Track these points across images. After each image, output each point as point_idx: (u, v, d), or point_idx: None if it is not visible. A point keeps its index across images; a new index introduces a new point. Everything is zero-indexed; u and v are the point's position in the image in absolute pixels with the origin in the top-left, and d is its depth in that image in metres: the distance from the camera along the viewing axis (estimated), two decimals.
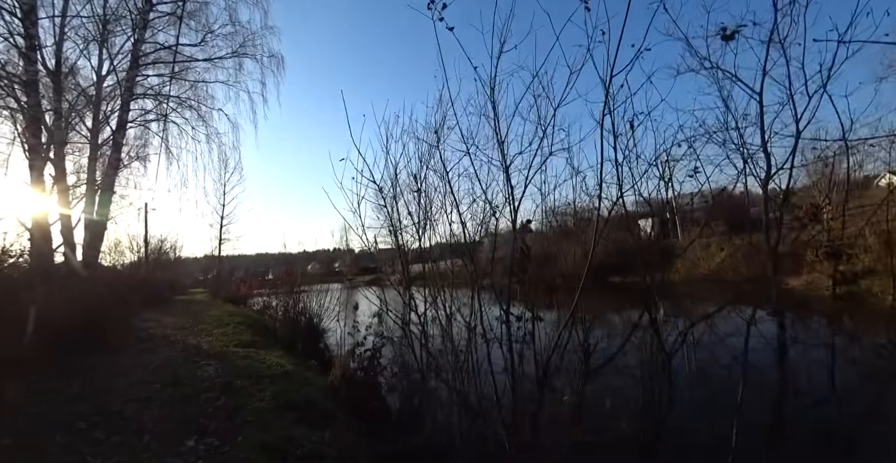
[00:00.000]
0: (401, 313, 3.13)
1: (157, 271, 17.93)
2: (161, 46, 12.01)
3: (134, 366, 4.52)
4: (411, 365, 3.78)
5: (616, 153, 2.20)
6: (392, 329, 4.51)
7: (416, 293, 3.96)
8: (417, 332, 3.02)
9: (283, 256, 43.88)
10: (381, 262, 37.07)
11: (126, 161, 14.71)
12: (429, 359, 2.87)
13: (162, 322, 8.61)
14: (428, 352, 2.98)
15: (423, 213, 2.92)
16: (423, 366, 2.95)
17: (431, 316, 3.21)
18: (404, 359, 4.01)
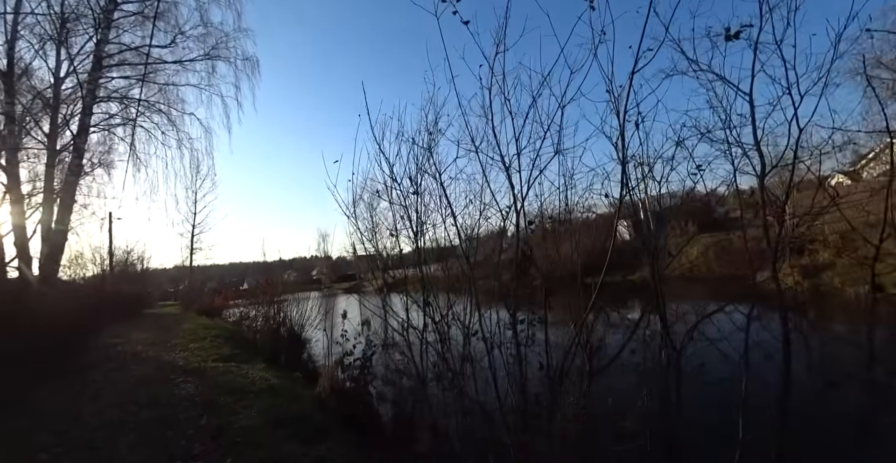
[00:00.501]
0: (400, 319, 3.02)
1: (124, 284, 16.94)
2: (127, 47, 11.47)
3: (103, 387, 4.18)
4: (408, 372, 3.68)
5: (625, 153, 2.20)
6: (383, 336, 4.38)
7: (397, 299, 3.88)
8: (416, 337, 2.92)
9: (257, 264, 42.47)
10: (360, 269, 36.41)
11: (88, 168, 13.91)
12: (428, 365, 2.78)
13: (131, 338, 8.08)
14: (428, 357, 2.89)
15: (419, 216, 2.83)
16: (423, 372, 2.86)
17: (426, 321, 3.12)
18: (398, 366, 3.90)
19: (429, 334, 2.99)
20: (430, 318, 2.98)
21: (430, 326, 3.01)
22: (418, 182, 2.83)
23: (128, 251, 19.83)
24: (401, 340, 3.90)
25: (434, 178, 2.83)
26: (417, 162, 2.82)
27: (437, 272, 4.19)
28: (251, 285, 15.76)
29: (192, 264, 25.82)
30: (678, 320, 2.57)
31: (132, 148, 12.52)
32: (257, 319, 8.84)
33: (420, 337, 2.86)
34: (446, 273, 3.12)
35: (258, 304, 9.27)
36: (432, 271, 4.29)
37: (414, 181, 2.84)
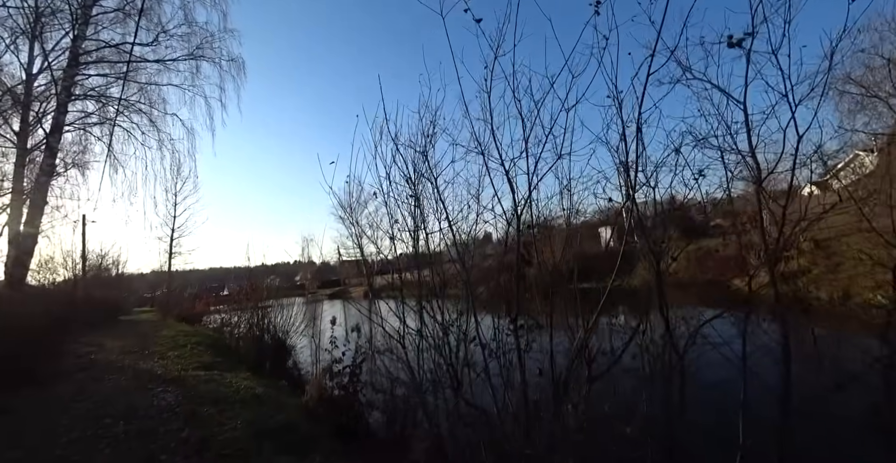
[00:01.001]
0: (396, 325, 2.94)
1: (97, 290, 16.23)
2: (106, 44, 11.09)
3: (76, 399, 3.95)
4: (399, 379, 3.60)
5: (636, 155, 2.21)
6: (371, 343, 4.29)
7: (384, 305, 3.81)
8: (411, 344, 2.85)
9: (239, 269, 41.29)
10: (349, 273, 36.21)
11: (62, 168, 13.34)
12: (424, 371, 2.71)
13: (106, 346, 7.72)
14: (424, 364, 2.82)
15: (416, 220, 2.78)
16: (420, 379, 2.79)
17: (422, 326, 3.05)
18: (390, 373, 3.81)
19: (422, 340, 2.92)
20: (427, 323, 2.92)
21: (425, 332, 2.95)
22: (415, 184, 2.78)
23: (102, 255, 19.05)
24: (394, 346, 3.83)
25: (430, 180, 2.80)
26: (414, 164, 2.79)
27: (427, 277, 4.15)
28: (232, 291, 15.30)
29: (171, 269, 25.00)
30: (678, 324, 2.59)
31: (110, 148, 12.06)
32: (240, 326, 8.58)
33: (416, 343, 2.79)
34: (441, 277, 3.07)
35: (241, 310, 9.00)
36: (423, 277, 4.24)
37: (411, 183, 2.79)
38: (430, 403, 3.49)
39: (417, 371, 2.79)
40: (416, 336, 2.87)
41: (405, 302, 3.19)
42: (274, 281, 16.34)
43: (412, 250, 2.96)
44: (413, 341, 3.19)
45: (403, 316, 2.94)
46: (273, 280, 14.45)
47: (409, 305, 3.49)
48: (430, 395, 2.79)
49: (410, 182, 2.79)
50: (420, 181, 2.79)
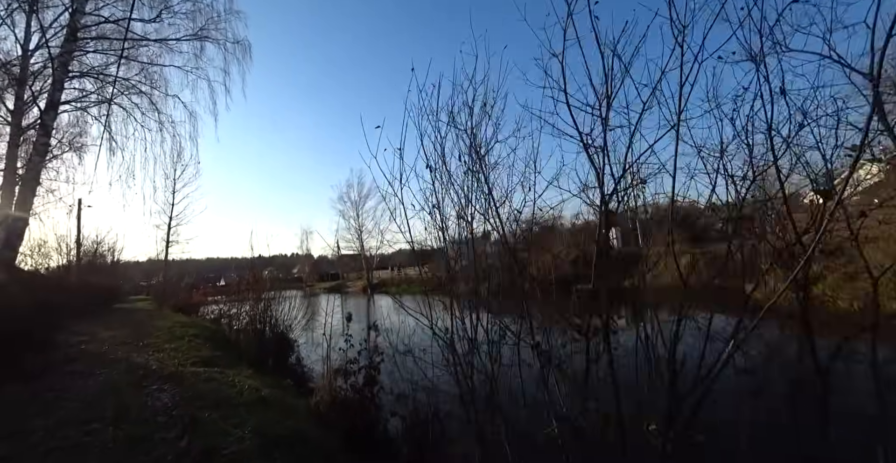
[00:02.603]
0: (444, 328, 2.55)
1: (92, 276, 15.79)
2: (105, 20, 10.57)
3: (61, 397, 3.55)
4: (428, 385, 3.22)
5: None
6: (392, 343, 3.90)
7: (382, 300, 3.42)
8: (441, 345, 2.45)
9: (236, 260, 40.97)
10: (343, 268, 35.51)
11: (58, 151, 12.87)
12: (469, 382, 2.33)
13: (98, 336, 7.31)
14: (462, 371, 2.43)
15: (485, 197, 2.36)
16: (471, 387, 2.40)
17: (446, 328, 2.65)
18: (412, 377, 3.43)
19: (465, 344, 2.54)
20: (462, 324, 2.53)
21: (463, 334, 2.57)
22: (480, 156, 2.37)
23: (97, 241, 18.57)
24: (416, 348, 3.45)
25: (479, 158, 2.40)
26: (473, 138, 2.38)
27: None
28: (231, 282, 14.87)
29: (168, 258, 24.57)
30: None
31: (107, 128, 11.61)
32: (240, 318, 8.18)
33: (463, 345, 2.40)
34: (485, 271, 2.66)
35: (241, 301, 8.60)
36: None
37: (475, 154, 2.38)
38: (457, 413, 3.12)
39: (465, 380, 2.39)
40: (474, 341, 2.44)
41: (439, 300, 2.78)
42: (272, 273, 15.92)
43: (464, 236, 2.54)
44: (442, 343, 2.79)
45: (452, 313, 2.53)
46: (271, 272, 14.05)
47: (418, 303, 3.10)
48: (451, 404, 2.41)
49: (477, 154, 2.38)
50: (478, 157, 2.39)
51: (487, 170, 2.42)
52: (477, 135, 2.45)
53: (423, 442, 3.13)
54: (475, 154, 2.54)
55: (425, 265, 3.77)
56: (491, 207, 2.54)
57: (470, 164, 2.46)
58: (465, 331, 2.66)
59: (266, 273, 11.35)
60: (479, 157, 2.61)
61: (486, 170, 2.43)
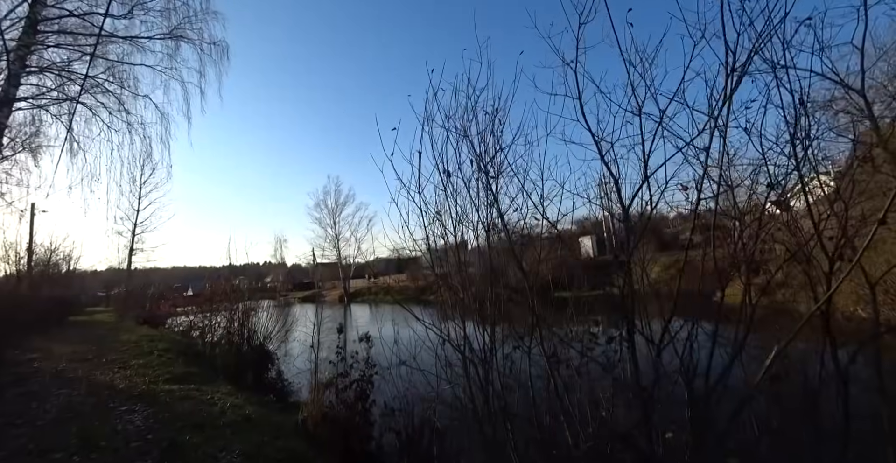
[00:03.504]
0: (457, 341, 2.42)
1: (45, 287, 14.59)
2: (70, 13, 9.96)
3: (12, 423, 3.17)
4: (427, 398, 3.08)
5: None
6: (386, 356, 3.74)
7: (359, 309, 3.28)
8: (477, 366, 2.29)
9: (204, 269, 39.11)
10: (319, 277, 34.74)
11: (9, 151, 11.92)
12: (489, 397, 2.20)
13: (53, 352, 6.70)
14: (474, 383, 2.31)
15: (494, 200, 2.25)
16: (481, 406, 2.28)
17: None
18: (406, 393, 3.28)
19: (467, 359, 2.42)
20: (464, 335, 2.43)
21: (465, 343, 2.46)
22: (491, 160, 2.29)
23: (52, 249, 17.24)
24: (411, 360, 3.32)
25: (487, 166, 2.33)
26: (484, 143, 2.31)
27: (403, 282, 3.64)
28: (202, 292, 14.08)
29: (131, 267, 23.15)
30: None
31: (69, 129, 10.85)
32: (214, 330, 7.71)
33: (482, 363, 2.28)
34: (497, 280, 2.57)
35: (214, 312, 8.12)
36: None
37: (483, 162, 2.31)
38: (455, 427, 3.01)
39: (480, 394, 2.27)
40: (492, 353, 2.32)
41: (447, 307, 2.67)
42: (242, 282, 15.29)
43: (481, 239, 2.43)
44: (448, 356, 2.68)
45: (464, 323, 2.40)
46: (242, 281, 13.52)
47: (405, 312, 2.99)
48: (487, 425, 2.28)
49: (484, 160, 2.30)
50: (488, 162, 2.31)
51: (493, 176, 2.36)
52: (482, 141, 2.39)
53: (423, 459, 2.98)
54: (479, 161, 2.48)
55: (404, 273, 3.65)
56: (494, 215, 2.48)
57: (475, 170, 2.40)
58: (474, 342, 2.56)
59: (238, 282, 10.83)
60: (483, 164, 2.56)
61: (491, 176, 2.37)
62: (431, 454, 3.04)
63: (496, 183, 2.37)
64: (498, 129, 2.41)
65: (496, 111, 2.36)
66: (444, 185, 2.41)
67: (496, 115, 2.37)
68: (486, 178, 2.34)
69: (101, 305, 22.76)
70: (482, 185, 2.42)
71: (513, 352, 2.36)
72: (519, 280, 2.50)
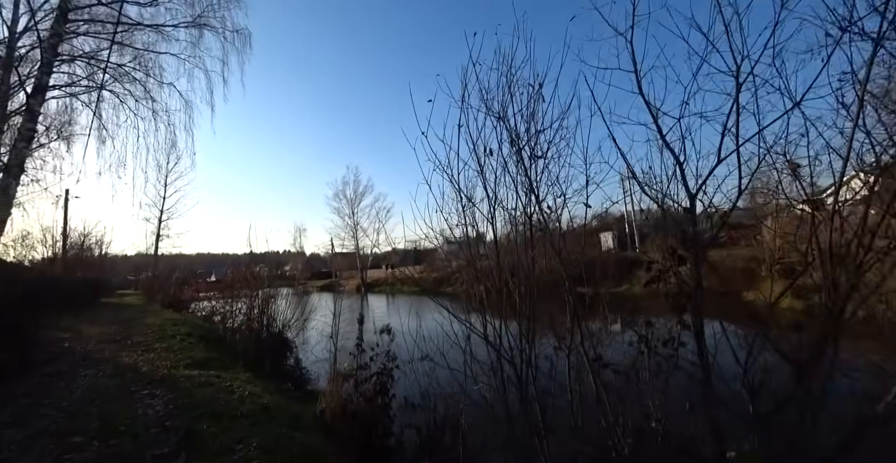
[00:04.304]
0: (493, 338, 2.25)
1: (78, 269, 15.22)
2: (98, 1, 10.08)
3: (39, 403, 3.20)
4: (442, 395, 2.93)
5: None
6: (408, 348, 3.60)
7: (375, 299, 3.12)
8: (512, 366, 2.11)
9: (226, 256, 40.29)
10: (337, 266, 35.31)
11: (45, 139, 12.35)
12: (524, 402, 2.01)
13: (83, 333, 6.90)
14: (503, 383, 2.13)
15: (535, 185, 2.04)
16: (516, 410, 2.10)
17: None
18: (428, 388, 3.14)
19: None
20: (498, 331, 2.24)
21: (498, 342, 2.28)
22: (528, 141, 2.08)
23: (85, 234, 17.96)
24: (435, 354, 3.16)
25: (519, 148, 2.11)
26: (526, 121, 2.09)
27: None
28: (224, 278, 14.42)
29: (158, 252, 23.98)
30: None
31: (97, 116, 11.10)
32: (234, 316, 7.80)
33: (518, 363, 2.09)
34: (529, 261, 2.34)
35: (235, 298, 8.21)
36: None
37: (521, 143, 2.09)
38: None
39: (515, 397, 2.09)
40: (523, 353, 2.12)
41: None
42: (263, 270, 15.55)
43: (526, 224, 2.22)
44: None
45: (486, 319, 2.22)
46: (262, 269, 13.75)
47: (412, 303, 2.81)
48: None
49: (518, 142, 2.09)
50: (526, 144, 2.10)
51: (537, 156, 2.14)
52: (525, 119, 2.17)
53: (446, 459, 2.84)
54: (517, 142, 2.26)
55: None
56: (532, 202, 2.26)
57: (512, 152, 2.18)
58: (505, 338, 2.36)
59: (258, 269, 10.97)
60: (520, 146, 2.33)
61: (535, 156, 2.14)
62: (454, 454, 2.89)
63: (535, 166, 2.16)
64: (538, 109, 2.18)
65: (540, 85, 2.12)
66: (481, 166, 2.19)
67: (538, 90, 2.14)
68: (529, 160, 2.10)
69: (130, 288, 23.69)
70: (520, 169, 2.20)
71: (553, 353, 2.16)
72: (553, 272, 2.29)
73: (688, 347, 1.89)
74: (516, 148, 2.18)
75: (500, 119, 2.39)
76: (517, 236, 2.35)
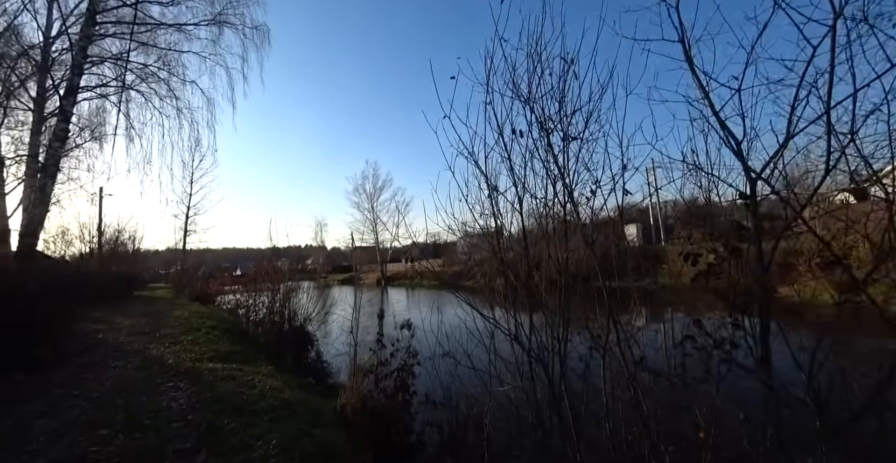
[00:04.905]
0: (524, 338, 2.12)
1: (113, 264, 15.91)
2: (122, 3, 10.33)
3: (68, 392, 3.28)
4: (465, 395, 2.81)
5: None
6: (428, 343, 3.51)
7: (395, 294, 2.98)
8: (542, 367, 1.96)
9: (251, 251, 41.42)
10: (357, 260, 35.73)
11: (80, 140, 12.90)
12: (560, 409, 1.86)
13: (115, 324, 7.16)
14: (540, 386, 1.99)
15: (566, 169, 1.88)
16: (547, 416, 1.96)
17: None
18: (446, 386, 3.03)
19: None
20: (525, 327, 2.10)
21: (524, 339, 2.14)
22: (558, 124, 1.90)
23: (119, 230, 18.76)
24: (456, 350, 3.04)
25: (547, 133, 1.93)
26: (556, 102, 1.91)
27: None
28: (245, 271, 14.82)
29: (186, 247, 24.87)
30: None
31: (125, 115, 11.48)
32: (257, 310, 7.93)
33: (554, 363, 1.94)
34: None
35: (257, 291, 8.35)
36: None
37: (548, 127, 1.92)
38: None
39: (550, 402, 1.94)
40: (562, 352, 1.97)
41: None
42: (285, 264, 15.86)
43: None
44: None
45: (516, 316, 2.07)
46: (284, 263, 14.03)
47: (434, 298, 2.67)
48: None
49: (545, 125, 1.92)
50: (554, 127, 1.93)
51: (563, 143, 1.96)
52: (555, 99, 1.98)
53: (469, 459, 2.73)
54: (547, 125, 2.08)
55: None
56: (563, 189, 2.09)
57: (541, 135, 2.01)
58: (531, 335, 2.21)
59: (279, 264, 11.16)
60: (549, 131, 2.15)
61: (561, 143, 1.97)
62: (478, 454, 2.78)
63: (566, 150, 1.98)
64: (570, 87, 2.00)
65: (573, 61, 1.93)
66: (508, 151, 2.03)
67: (570, 67, 1.95)
68: (562, 142, 1.93)
69: (161, 281, 24.69)
70: (549, 154, 2.03)
71: (587, 352, 1.99)
72: (586, 266, 2.12)
73: (740, 349, 1.69)
74: (545, 130, 2.00)
75: (526, 101, 2.22)
76: (547, 226, 2.19)
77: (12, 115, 11.79)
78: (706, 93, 1.61)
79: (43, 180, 9.07)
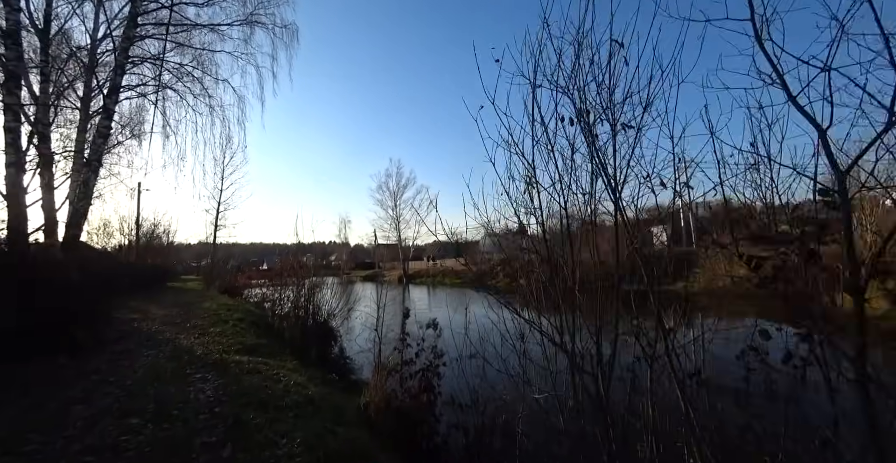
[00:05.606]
0: (573, 347, 1.99)
1: (149, 256, 16.68)
2: (161, 5, 10.73)
3: (104, 379, 3.38)
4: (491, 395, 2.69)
5: None
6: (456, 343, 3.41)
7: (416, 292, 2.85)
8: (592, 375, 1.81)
9: (277, 246, 42.49)
10: (380, 257, 36.08)
11: (121, 137, 13.53)
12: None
13: (150, 314, 7.45)
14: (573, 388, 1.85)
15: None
16: (598, 431, 1.82)
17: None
18: (475, 387, 2.91)
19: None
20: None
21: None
22: (604, 113, 1.75)
23: (155, 224, 19.65)
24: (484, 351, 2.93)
25: (588, 125, 1.78)
26: (603, 90, 1.77)
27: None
28: (272, 266, 15.21)
29: (216, 241, 25.79)
30: None
31: (162, 112, 11.95)
32: (283, 304, 8.08)
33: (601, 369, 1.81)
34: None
35: (284, 285, 8.51)
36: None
37: (590, 119, 1.77)
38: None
39: (597, 411, 1.80)
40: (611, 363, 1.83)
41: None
42: (310, 259, 16.13)
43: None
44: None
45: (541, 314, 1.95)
46: (309, 258, 14.27)
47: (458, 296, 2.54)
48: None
49: (587, 116, 1.77)
50: (598, 117, 1.78)
51: (612, 133, 1.81)
52: (602, 87, 1.83)
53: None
54: (592, 116, 1.93)
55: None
56: (611, 184, 1.93)
57: (588, 125, 1.85)
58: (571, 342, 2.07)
59: (305, 259, 11.35)
60: (589, 122, 1.99)
61: (611, 133, 1.81)
62: (507, 461, 2.66)
63: (613, 142, 1.82)
64: (619, 74, 1.84)
65: (621, 45, 1.77)
66: (552, 144, 1.89)
67: (618, 52, 1.79)
68: (612, 132, 1.78)
69: (192, 274, 25.73)
70: (595, 148, 1.87)
71: (636, 363, 1.84)
72: (630, 268, 1.96)
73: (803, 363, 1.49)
74: (589, 120, 1.85)
75: (567, 91, 2.07)
76: (592, 224, 2.03)
77: (62, 114, 12.53)
78: (780, 75, 1.42)
79: (87, 175, 9.56)
